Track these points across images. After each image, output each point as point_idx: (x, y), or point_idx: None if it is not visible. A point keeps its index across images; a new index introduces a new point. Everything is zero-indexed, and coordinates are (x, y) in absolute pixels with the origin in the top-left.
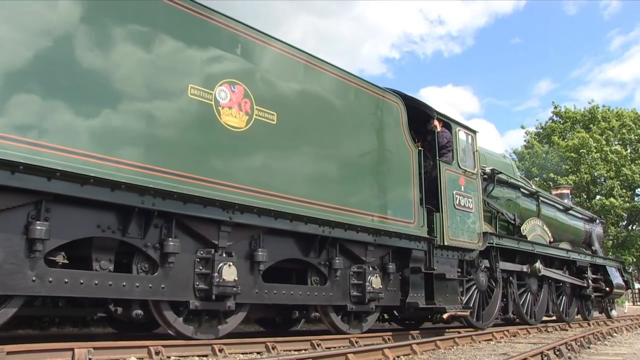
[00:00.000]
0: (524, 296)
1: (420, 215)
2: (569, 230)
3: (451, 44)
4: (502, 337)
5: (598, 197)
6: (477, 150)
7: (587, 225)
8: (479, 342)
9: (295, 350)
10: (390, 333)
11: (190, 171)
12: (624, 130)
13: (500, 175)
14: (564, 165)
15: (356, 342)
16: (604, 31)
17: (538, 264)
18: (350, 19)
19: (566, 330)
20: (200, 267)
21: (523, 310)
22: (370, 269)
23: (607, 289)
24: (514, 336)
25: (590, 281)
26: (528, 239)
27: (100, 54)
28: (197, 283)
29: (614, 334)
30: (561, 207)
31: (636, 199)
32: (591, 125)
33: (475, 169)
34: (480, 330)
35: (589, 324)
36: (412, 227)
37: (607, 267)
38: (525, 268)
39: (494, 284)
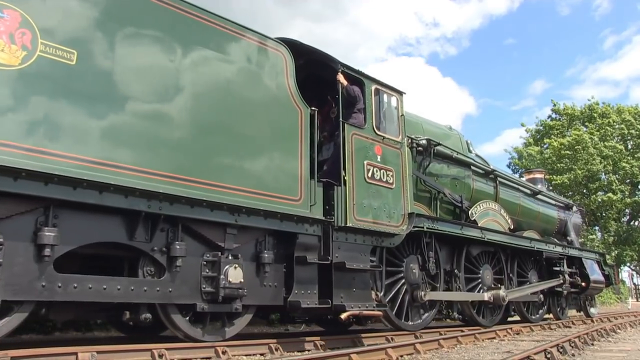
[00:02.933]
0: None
1: (310, 190)
2: (538, 217)
3: (447, 45)
4: (506, 335)
5: (599, 193)
6: (402, 115)
7: (561, 212)
8: (482, 340)
9: (298, 352)
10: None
11: None
12: (623, 126)
13: (439, 148)
14: (560, 164)
15: (359, 342)
16: (596, 31)
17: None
18: (346, 23)
19: (569, 327)
20: None
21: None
22: (230, 257)
23: (583, 284)
24: (517, 334)
25: (566, 276)
26: (479, 225)
27: None
28: None
29: (618, 331)
30: (527, 191)
31: (638, 194)
32: (588, 123)
33: (400, 137)
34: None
35: (583, 322)
36: (297, 205)
37: (583, 259)
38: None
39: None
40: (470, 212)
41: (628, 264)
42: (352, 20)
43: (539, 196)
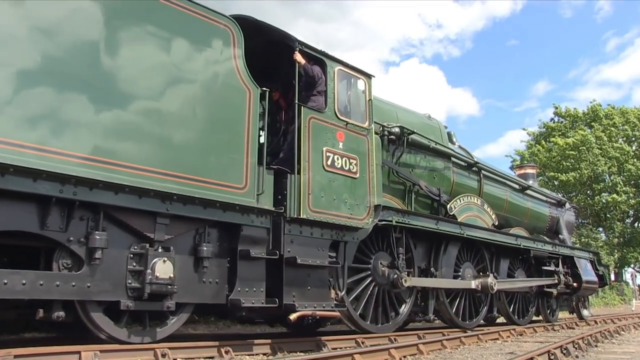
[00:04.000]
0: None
1: (257, 178)
2: (527, 213)
3: (450, 47)
4: (509, 336)
5: (603, 194)
6: (370, 100)
7: (553, 209)
8: (486, 341)
9: (301, 352)
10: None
11: None
12: (627, 127)
13: (415, 137)
14: (565, 163)
15: (362, 343)
16: (599, 33)
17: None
18: (349, 24)
19: (573, 328)
20: None
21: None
22: (160, 250)
23: (575, 284)
24: (521, 335)
25: (561, 276)
26: (458, 220)
27: None
28: None
29: (622, 332)
30: (516, 186)
31: None
32: (593, 124)
33: (367, 123)
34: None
35: (587, 323)
36: (241, 194)
37: (575, 258)
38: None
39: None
40: (449, 206)
41: (632, 265)
42: (356, 21)
43: (529, 192)
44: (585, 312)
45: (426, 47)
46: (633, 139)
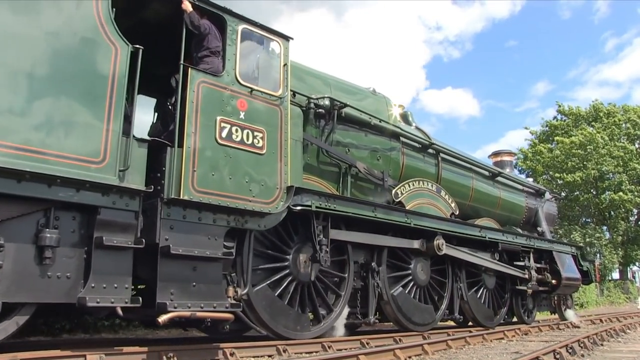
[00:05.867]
0: (400, 290)
1: (120, 151)
2: (498, 204)
3: (450, 48)
4: (514, 336)
5: (607, 192)
6: (286, 65)
7: (530, 199)
8: (490, 341)
9: (306, 353)
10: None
11: None
12: (629, 126)
13: (349, 111)
14: (570, 162)
15: (367, 343)
16: (598, 33)
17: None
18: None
19: (578, 327)
20: None
21: (394, 309)
22: None
23: (554, 281)
24: (526, 334)
25: (533, 272)
26: (406, 208)
27: None
28: None
29: (628, 331)
30: (485, 172)
31: None
32: (594, 123)
33: (280, 91)
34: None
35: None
36: (97, 169)
37: (554, 253)
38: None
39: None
40: (394, 192)
41: (637, 264)
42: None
43: (501, 179)
44: (569, 312)
45: (426, 49)
46: (635, 137)
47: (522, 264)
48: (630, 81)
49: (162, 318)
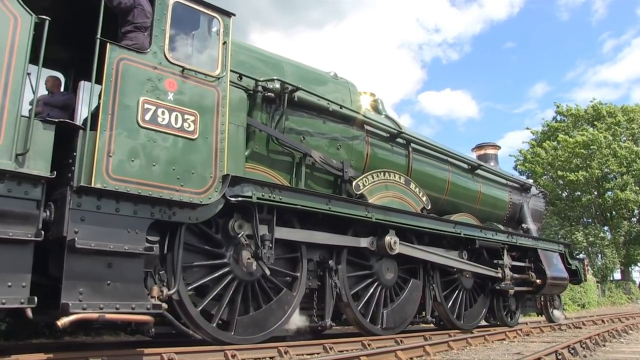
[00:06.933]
0: (365, 290)
1: (18, 132)
2: (478, 199)
3: (449, 50)
4: (516, 337)
5: (610, 192)
6: (225, 42)
7: (515, 194)
8: (492, 341)
9: (308, 354)
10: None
11: None
12: (634, 125)
13: (303, 96)
14: (574, 161)
15: (369, 345)
16: (595, 35)
17: (390, 238)
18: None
19: (580, 328)
20: None
21: (355, 310)
22: None
23: (538, 280)
24: (527, 335)
25: (506, 270)
26: (368, 202)
27: None
28: None
29: (630, 332)
30: (464, 165)
31: None
32: (596, 123)
33: (218, 71)
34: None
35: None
36: None
37: (539, 250)
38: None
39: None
40: (355, 183)
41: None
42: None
43: (481, 172)
44: (556, 313)
45: (425, 52)
46: (638, 137)
47: (501, 262)
48: (628, 82)
49: (62, 321)
